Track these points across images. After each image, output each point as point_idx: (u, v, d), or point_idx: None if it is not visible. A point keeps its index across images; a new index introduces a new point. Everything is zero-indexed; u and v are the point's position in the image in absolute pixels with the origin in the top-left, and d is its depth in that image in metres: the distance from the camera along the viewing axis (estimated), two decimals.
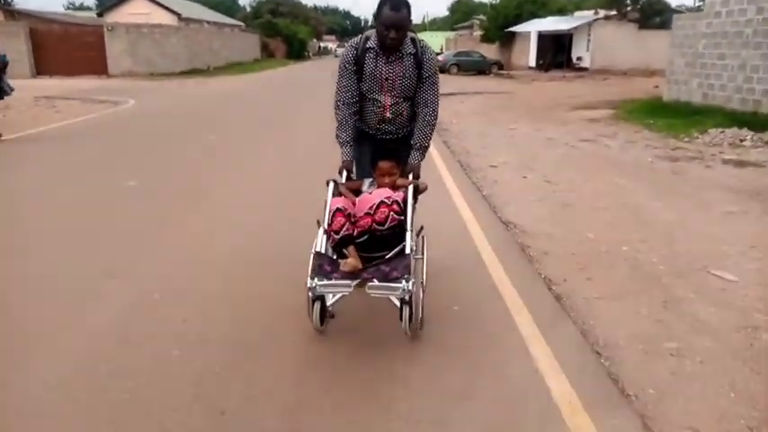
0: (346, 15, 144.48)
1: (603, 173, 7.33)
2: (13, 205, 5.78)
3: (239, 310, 3.44)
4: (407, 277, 2.69)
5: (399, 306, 2.84)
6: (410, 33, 3.22)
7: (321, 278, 2.74)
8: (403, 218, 2.95)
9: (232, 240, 4.72)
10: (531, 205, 5.81)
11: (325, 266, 2.81)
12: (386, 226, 2.90)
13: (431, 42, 4.14)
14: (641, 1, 30.09)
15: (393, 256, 2.92)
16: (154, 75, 28.67)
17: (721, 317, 3.40)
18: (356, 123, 3.39)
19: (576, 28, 31.99)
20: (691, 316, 3.41)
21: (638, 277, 3.99)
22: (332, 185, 3.16)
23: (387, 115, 3.31)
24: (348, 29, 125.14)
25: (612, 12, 31.29)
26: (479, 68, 34.13)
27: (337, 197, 3.10)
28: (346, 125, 3.32)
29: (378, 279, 2.76)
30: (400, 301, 2.81)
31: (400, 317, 2.83)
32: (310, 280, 2.73)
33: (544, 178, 6.99)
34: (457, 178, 7.08)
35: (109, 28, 29.19)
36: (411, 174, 3.31)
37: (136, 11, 37.72)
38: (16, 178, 7.07)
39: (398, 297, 2.77)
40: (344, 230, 2.92)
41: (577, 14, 36.75)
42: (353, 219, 2.98)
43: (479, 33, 43.00)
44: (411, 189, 3.12)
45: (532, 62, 35.53)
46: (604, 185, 6.65)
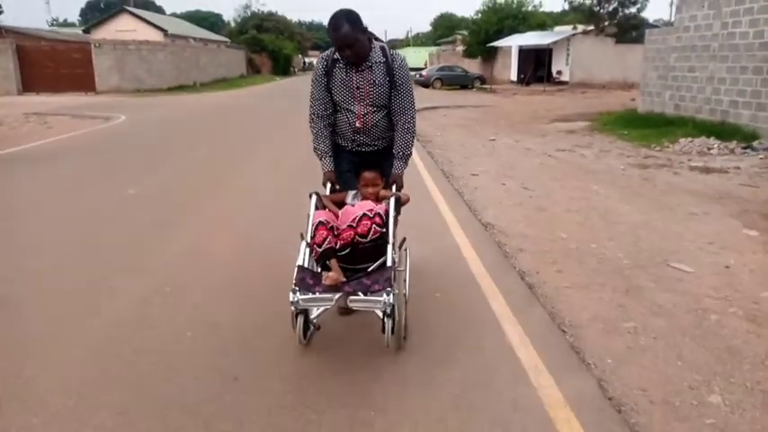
0: None
1: (578, 180, 7.74)
2: (25, 213, 6.07)
3: (245, 300, 3.80)
4: (389, 290, 2.73)
5: (382, 318, 2.84)
6: (378, 43, 3.28)
7: (304, 292, 2.77)
8: (385, 230, 2.97)
9: (233, 240, 5.07)
10: (509, 209, 6.20)
11: (307, 280, 2.84)
12: (368, 238, 2.91)
13: (415, 57, 4.47)
14: (618, 16, 30.85)
15: (375, 269, 2.94)
16: (141, 91, 28.81)
17: (675, 302, 3.78)
18: (332, 137, 3.43)
19: (556, 43, 32.43)
20: (649, 301, 3.80)
21: (603, 270, 4.38)
22: (314, 198, 3.16)
23: (359, 125, 3.32)
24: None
25: (591, 27, 31.95)
26: (462, 83, 34.68)
27: (320, 210, 3.12)
28: (322, 136, 3.37)
29: (360, 292, 2.80)
30: (383, 314, 2.81)
31: (383, 329, 2.82)
32: (293, 294, 2.75)
33: (522, 185, 7.38)
34: (440, 185, 7.49)
35: (97, 45, 29.33)
36: (394, 184, 3.35)
37: (122, 27, 38.08)
38: (21, 190, 7.36)
39: (380, 310, 2.79)
40: (327, 243, 2.93)
41: (557, 29, 37.24)
42: (336, 231, 2.99)
43: (462, 48, 43.50)
44: (393, 201, 3.13)
45: (514, 76, 36.14)
46: (578, 191, 7.03)
